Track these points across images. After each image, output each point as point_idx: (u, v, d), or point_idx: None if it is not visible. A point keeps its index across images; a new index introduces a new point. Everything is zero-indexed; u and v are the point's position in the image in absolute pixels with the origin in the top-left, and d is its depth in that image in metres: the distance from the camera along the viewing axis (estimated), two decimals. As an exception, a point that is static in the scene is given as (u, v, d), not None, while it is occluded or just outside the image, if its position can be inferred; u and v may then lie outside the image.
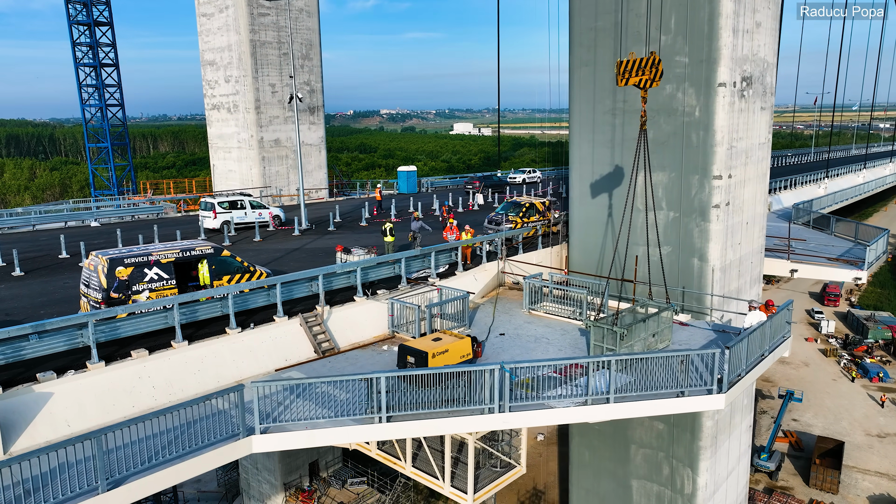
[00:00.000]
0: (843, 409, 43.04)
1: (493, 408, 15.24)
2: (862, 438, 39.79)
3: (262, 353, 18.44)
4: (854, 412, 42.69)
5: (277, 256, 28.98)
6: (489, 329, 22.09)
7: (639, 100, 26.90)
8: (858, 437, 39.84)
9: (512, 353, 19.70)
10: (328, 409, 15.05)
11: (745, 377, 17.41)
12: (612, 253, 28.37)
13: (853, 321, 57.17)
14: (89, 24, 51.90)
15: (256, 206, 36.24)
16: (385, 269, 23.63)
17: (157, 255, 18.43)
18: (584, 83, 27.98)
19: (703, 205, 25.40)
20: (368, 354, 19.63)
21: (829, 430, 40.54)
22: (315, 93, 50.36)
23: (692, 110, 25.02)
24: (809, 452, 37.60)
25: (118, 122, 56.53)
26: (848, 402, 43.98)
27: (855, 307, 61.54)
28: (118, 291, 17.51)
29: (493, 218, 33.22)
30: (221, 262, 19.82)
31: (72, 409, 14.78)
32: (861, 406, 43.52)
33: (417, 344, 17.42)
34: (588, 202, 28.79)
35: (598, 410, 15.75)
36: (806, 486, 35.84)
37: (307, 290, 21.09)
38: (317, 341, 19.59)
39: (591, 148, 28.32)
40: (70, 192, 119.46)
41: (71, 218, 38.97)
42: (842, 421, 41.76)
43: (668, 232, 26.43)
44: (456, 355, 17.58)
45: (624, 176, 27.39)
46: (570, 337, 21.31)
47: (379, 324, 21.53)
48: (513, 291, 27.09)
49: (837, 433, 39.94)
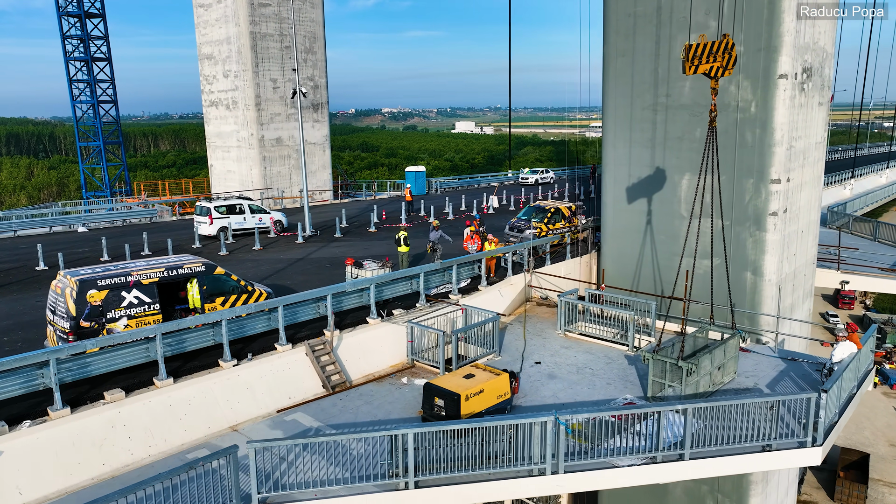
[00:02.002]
0: (864, 418, 40.56)
1: (544, 468, 12.41)
2: (886, 449, 37.37)
3: (261, 390, 15.62)
4: (876, 421, 40.29)
5: (279, 268, 26.14)
6: (522, 356, 19.27)
7: (685, 94, 24.19)
8: (882, 448, 37.41)
9: (553, 389, 16.87)
10: (342, 467, 12.25)
11: (839, 423, 14.58)
12: (652, 265, 25.62)
13: (869, 325, 54.21)
14: (80, 16, 49.04)
15: (256, 211, 33.32)
16: (401, 285, 20.84)
17: (138, 274, 15.58)
18: (621, 76, 25.15)
19: (758, 212, 22.56)
20: (386, 390, 16.79)
21: (851, 440, 38.02)
22: (319, 89, 47.46)
23: (747, 105, 22.18)
24: (832, 464, 34.99)
25: (111, 120, 53.70)
26: (869, 411, 41.49)
27: (871, 310, 58.67)
28: (90, 319, 14.69)
29: (514, 224, 30.37)
30: (214, 280, 16.99)
31: (25, 472, 11.97)
32: (883, 415, 41.10)
33: (446, 382, 14.59)
34: (624, 208, 25.97)
35: (671, 469, 12.92)
36: (830, 500, 33.33)
37: (314, 311, 18.30)
38: (325, 374, 16.77)
39: (628, 148, 25.49)
40: (67, 191, 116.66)
41: (56, 223, 36.10)
42: (864, 430, 39.31)
43: (716, 242, 23.62)
44: (492, 395, 14.75)
45: (666, 179, 24.59)
46: (617, 367, 18.47)
47: (396, 350, 18.71)
48: (542, 308, 24.29)
49: (860, 444, 37.46)
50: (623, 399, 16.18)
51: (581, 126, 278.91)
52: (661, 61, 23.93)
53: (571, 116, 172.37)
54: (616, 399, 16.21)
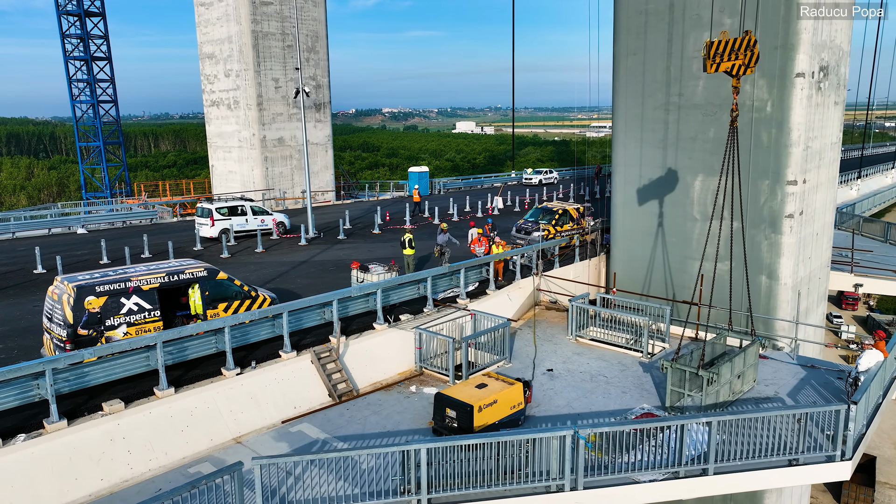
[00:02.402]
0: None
1: (562, 484, 11.86)
2: (892, 452, 36.76)
3: (265, 400, 15.07)
4: (882, 423, 39.43)
5: (283, 271, 25.59)
6: (533, 362, 18.71)
7: (698, 93, 23.62)
8: (888, 451, 36.80)
9: (567, 398, 16.31)
10: (351, 482, 11.69)
11: (867, 435, 14.03)
12: (663, 268, 25.08)
13: (874, 326, 53.62)
14: (79, 15, 48.49)
15: (258, 212, 32.75)
16: (409, 289, 20.28)
17: (138, 280, 15.03)
18: (632, 75, 24.59)
19: (773, 214, 22.00)
20: (394, 399, 16.24)
21: (856, 441, 37.41)
22: (321, 88, 46.90)
23: (763, 105, 21.62)
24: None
25: (112, 120, 53.14)
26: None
27: (874, 311, 57.99)
28: (88, 327, 14.14)
29: (522, 226, 29.80)
30: (217, 286, 16.43)
31: (19, 489, 11.42)
32: (889, 417, 40.18)
33: (458, 393, 14.04)
34: (634, 210, 25.40)
35: (695, 485, 12.36)
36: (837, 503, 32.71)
37: (319, 317, 17.76)
38: (332, 382, 16.21)
39: (639, 149, 24.93)
40: (67, 192, 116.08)
41: (56, 224, 35.56)
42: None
43: (728, 245, 23.09)
44: (506, 406, 14.20)
45: (679, 180, 24.02)
46: (632, 374, 17.90)
47: (403, 357, 18.16)
48: (551, 312, 23.73)
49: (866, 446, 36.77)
50: (640, 409, 15.62)
51: (581, 126, 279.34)
52: (674, 60, 23.37)
53: (573, 116, 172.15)
54: (633, 408, 15.66)
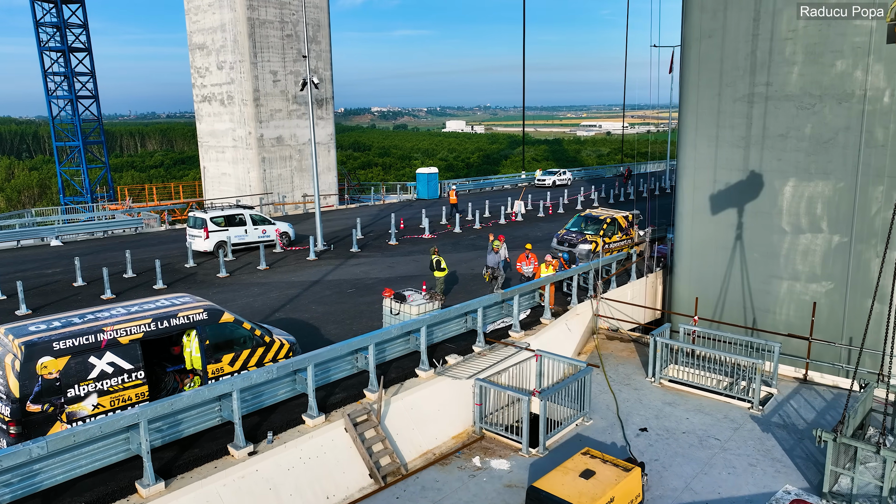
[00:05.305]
0: None
1: None
2: None
3: (289, 490, 11.13)
4: None
5: (292, 294, 21.55)
6: (618, 416, 14.89)
7: (791, 81, 19.70)
8: None
9: (682, 476, 12.47)
10: None
11: None
12: (742, 289, 21.35)
13: None
14: (56, 1, 44.08)
15: (259, 222, 28.57)
16: (454, 323, 16.42)
17: (113, 329, 11.01)
18: (707, 61, 20.81)
19: (888, 226, 18.28)
20: (456, 479, 12.33)
21: None
22: (323, 83, 42.76)
23: (879, 95, 17.90)
24: None
25: (92, 117, 48.75)
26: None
27: None
28: (41, 402, 10.13)
29: (564, 237, 25.94)
30: (220, 332, 12.43)
31: None
32: None
33: (561, 489, 10.17)
34: (706, 220, 21.64)
35: None
36: None
37: (350, 366, 13.86)
38: (373, 458, 12.29)
39: (714, 148, 21.17)
40: (49, 193, 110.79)
41: (26, 235, 31.27)
42: None
43: (828, 262, 19.43)
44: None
45: (764, 185, 20.28)
46: (749, 435, 14.11)
47: (457, 413, 14.29)
48: (613, 343, 19.97)
49: None
50: (785, 492, 11.83)
51: (572, 125, 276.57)
52: (761, 42, 19.61)
53: (561, 115, 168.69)
54: (775, 492, 11.87)
